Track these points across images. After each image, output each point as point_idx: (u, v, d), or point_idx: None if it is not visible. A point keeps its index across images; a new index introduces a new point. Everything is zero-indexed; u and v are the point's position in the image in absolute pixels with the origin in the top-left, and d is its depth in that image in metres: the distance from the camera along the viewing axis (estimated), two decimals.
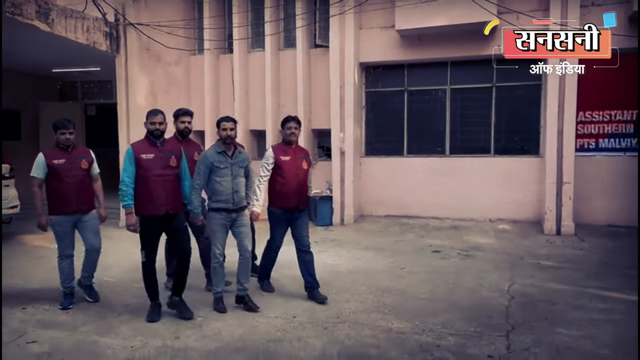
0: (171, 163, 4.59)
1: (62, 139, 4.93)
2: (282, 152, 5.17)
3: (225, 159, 4.73)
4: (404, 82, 9.71)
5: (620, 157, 8.42)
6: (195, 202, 4.73)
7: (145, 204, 4.50)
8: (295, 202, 5.15)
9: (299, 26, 9.57)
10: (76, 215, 4.96)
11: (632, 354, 3.88)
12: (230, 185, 4.71)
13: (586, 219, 8.42)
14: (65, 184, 4.89)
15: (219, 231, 4.77)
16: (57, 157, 4.93)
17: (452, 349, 3.99)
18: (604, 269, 6.45)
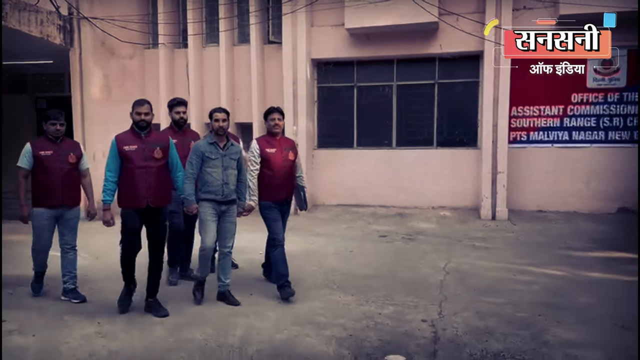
0: (155, 155, 4.42)
1: (52, 130, 4.77)
2: (267, 144, 5.07)
3: (216, 150, 4.65)
4: (354, 78, 10.21)
5: (549, 148, 9.22)
6: (189, 190, 4.62)
7: (127, 196, 4.38)
8: (285, 194, 5.11)
9: (252, 23, 9.90)
10: (59, 209, 4.82)
11: (543, 315, 4.51)
12: (221, 176, 4.63)
13: (519, 205, 9.19)
14: (51, 176, 4.74)
15: (209, 219, 4.67)
16: (45, 148, 4.77)
17: (392, 316, 4.51)
18: (530, 249, 7.19)
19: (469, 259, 6.62)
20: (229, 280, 4.86)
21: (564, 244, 7.36)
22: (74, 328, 4.26)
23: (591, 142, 8.98)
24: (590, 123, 8.97)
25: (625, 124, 8.85)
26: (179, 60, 10.58)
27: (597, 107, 8.93)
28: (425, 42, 9.45)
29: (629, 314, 4.52)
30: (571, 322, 4.33)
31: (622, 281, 5.61)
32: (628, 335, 4.06)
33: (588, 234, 7.95)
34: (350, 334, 4.10)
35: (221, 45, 10.17)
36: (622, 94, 8.83)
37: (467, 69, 9.57)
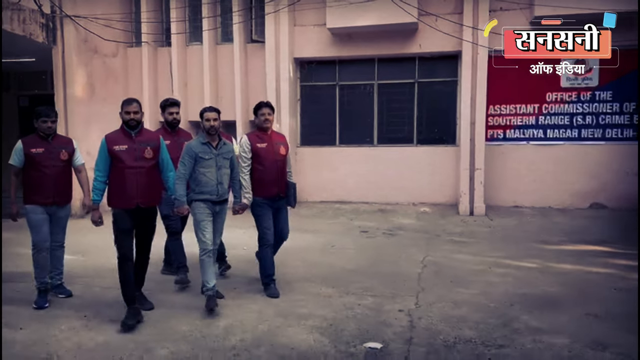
0: (146, 154, 4.35)
1: (44, 127, 4.71)
2: (257, 139, 4.99)
3: (209, 150, 4.56)
4: (336, 77, 10.39)
5: (525, 146, 9.51)
6: (180, 191, 4.52)
7: (116, 196, 4.33)
8: (276, 190, 5.01)
9: (235, 22, 10.02)
10: (52, 207, 4.77)
11: (515, 304, 4.74)
12: (215, 176, 4.56)
13: (496, 200, 9.47)
14: (43, 174, 4.68)
15: (205, 219, 4.57)
16: (36, 145, 4.70)
17: (370, 306, 4.69)
18: (506, 243, 7.43)
19: (447, 252, 6.84)
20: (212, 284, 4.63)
21: (538, 238, 7.62)
22: (61, 321, 4.37)
23: (565, 139, 9.29)
24: (564, 121, 9.28)
25: (597, 122, 9.17)
26: (162, 59, 10.65)
27: (570, 106, 9.24)
28: (405, 42, 9.66)
29: (596, 302, 4.79)
30: (540, 311, 4.56)
31: (592, 272, 5.86)
32: (594, 322, 4.31)
33: (561, 228, 8.23)
34: (330, 323, 4.27)
35: (204, 44, 10.27)
36: (595, 93, 9.14)
37: (446, 68, 9.81)
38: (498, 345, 3.82)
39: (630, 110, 9.02)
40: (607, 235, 7.68)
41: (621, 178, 9.02)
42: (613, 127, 9.10)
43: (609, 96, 9.07)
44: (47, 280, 4.83)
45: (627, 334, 4.01)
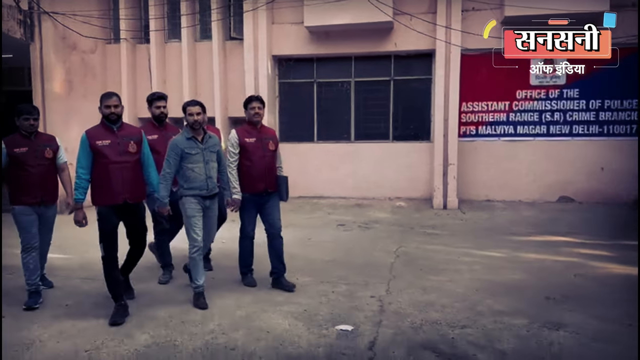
0: (130, 149, 4.27)
1: (26, 125, 4.57)
2: (246, 133, 4.93)
3: (195, 145, 4.49)
4: (314, 74, 10.59)
5: (496, 142, 9.83)
6: (163, 192, 4.49)
7: (102, 193, 4.21)
8: (264, 186, 4.93)
9: (214, 20, 10.14)
10: (39, 207, 4.65)
11: (480, 290, 5.00)
12: (203, 171, 4.50)
13: (468, 195, 9.78)
14: (28, 174, 4.55)
15: (196, 216, 4.51)
16: (19, 145, 4.55)
17: (344, 293, 4.91)
18: (476, 234, 7.72)
19: (419, 244, 7.10)
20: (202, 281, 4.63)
21: (506, 230, 7.93)
22: (44, 310, 4.50)
23: (534, 135, 9.64)
24: (534, 118, 9.62)
25: (565, 118, 9.53)
26: (141, 56, 10.72)
27: (539, 103, 9.58)
28: (381, 41, 9.90)
29: (556, 287, 5.07)
30: (503, 295, 4.83)
31: (555, 261, 6.16)
32: (552, 305, 4.59)
33: (530, 220, 8.57)
34: (305, 309, 4.47)
35: (183, 41, 10.37)
36: (562, 90, 9.50)
37: (421, 66, 10.09)
38: (461, 326, 4.07)
39: (596, 107, 9.40)
40: (573, 227, 8.03)
41: (588, 172, 9.40)
42: (580, 124, 9.47)
43: (576, 94, 9.44)
44: (38, 282, 4.72)
45: (580, 315, 4.30)
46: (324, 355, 3.57)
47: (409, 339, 3.85)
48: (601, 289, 5.07)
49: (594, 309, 4.46)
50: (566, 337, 3.87)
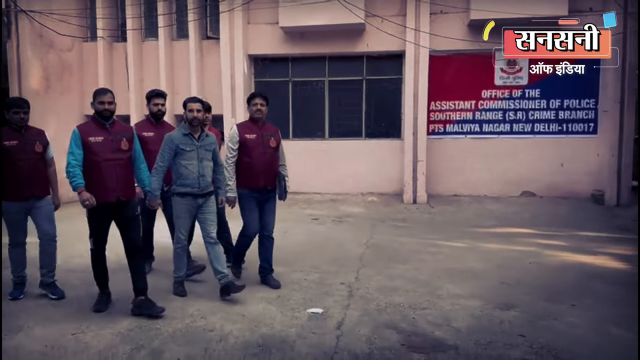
0: (122, 146, 4.24)
1: (16, 119, 4.49)
2: (247, 130, 4.90)
3: (191, 141, 4.48)
4: (289, 73, 10.88)
5: (463, 139, 10.29)
6: (155, 185, 4.47)
7: (95, 191, 4.12)
8: (263, 182, 4.89)
9: (191, 20, 10.35)
10: (30, 201, 4.58)
11: (441, 277, 5.40)
12: (197, 169, 4.47)
13: (437, 190, 10.21)
14: (18, 168, 4.48)
15: (183, 216, 4.56)
16: (9, 138, 4.48)
17: (316, 281, 5.24)
18: (442, 227, 8.16)
19: (389, 235, 7.49)
20: (225, 269, 4.65)
21: (471, 223, 8.39)
22: (30, 301, 4.72)
23: (498, 133, 10.12)
24: (498, 116, 10.11)
25: (527, 117, 10.03)
26: (117, 54, 10.87)
27: (503, 102, 10.06)
28: (353, 41, 10.26)
29: (511, 273, 5.51)
30: (462, 281, 5.23)
31: (513, 250, 6.62)
32: (506, 289, 5.01)
33: (494, 214, 9.05)
34: (278, 295, 4.79)
35: (160, 39, 10.55)
36: (524, 90, 10.00)
37: (392, 66, 10.47)
38: (422, 308, 4.45)
39: (556, 106, 9.93)
40: (533, 220, 8.54)
41: (549, 169, 9.92)
42: (541, 122, 9.99)
43: (537, 94, 9.95)
44: (23, 274, 4.73)
45: (530, 297, 4.73)
46: (295, 335, 3.90)
47: (373, 319, 4.20)
48: (552, 275, 5.52)
49: (543, 292, 4.90)
50: (515, 316, 4.28)
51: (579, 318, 4.25)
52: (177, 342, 3.77)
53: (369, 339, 3.81)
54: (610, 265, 5.89)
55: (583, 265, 5.89)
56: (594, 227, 7.95)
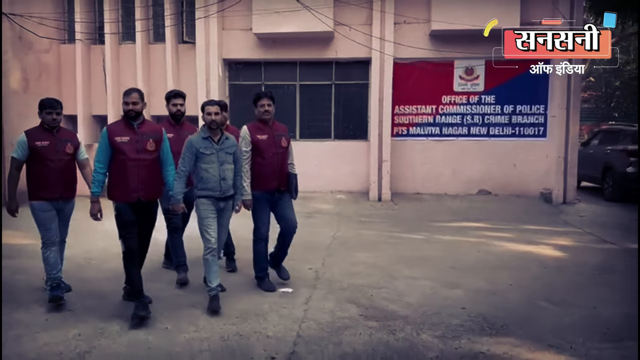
0: (148, 147, 4.25)
1: (49, 119, 4.49)
2: (258, 131, 4.82)
3: (211, 145, 4.41)
4: (262, 77, 11.41)
5: (425, 141, 11.00)
6: (178, 188, 4.43)
7: (117, 189, 4.23)
8: (276, 184, 4.85)
9: (167, 25, 10.78)
10: (58, 202, 4.59)
11: (398, 262, 6.04)
12: (217, 172, 4.41)
13: (400, 188, 10.90)
14: (48, 168, 4.48)
15: (209, 217, 4.45)
16: (41, 138, 4.48)
17: (287, 267, 5.73)
18: (404, 221, 8.83)
19: (354, 229, 8.12)
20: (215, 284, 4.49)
21: (430, 218, 9.08)
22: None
23: (457, 135, 10.88)
24: (456, 120, 10.87)
25: (483, 121, 10.83)
26: (95, 56, 11.21)
27: (461, 107, 10.83)
28: (323, 48, 10.87)
29: (460, 260, 6.20)
30: (417, 266, 5.88)
31: (465, 241, 7.32)
32: (454, 272, 5.67)
33: (451, 210, 9.78)
34: (252, 279, 5.34)
35: (137, 43, 10.94)
36: (481, 96, 10.79)
37: (359, 72, 11.12)
38: (379, 287, 5.08)
39: (509, 111, 10.75)
40: (486, 215, 9.29)
41: (502, 169, 10.73)
42: (495, 126, 10.79)
43: (492, 100, 10.75)
44: (59, 276, 4.66)
45: (474, 279, 5.41)
46: (268, 309, 4.46)
47: (336, 296, 4.80)
48: (496, 261, 6.23)
49: (487, 275, 5.59)
50: (459, 293, 4.95)
51: (513, 294, 4.95)
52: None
53: (332, 311, 4.40)
54: (548, 254, 6.64)
55: (525, 253, 6.63)
56: (540, 222, 8.73)
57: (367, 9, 10.53)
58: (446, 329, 4.01)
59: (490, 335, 3.91)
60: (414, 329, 4.00)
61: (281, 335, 3.91)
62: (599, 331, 4.00)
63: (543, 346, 3.71)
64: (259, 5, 10.28)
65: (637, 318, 4.07)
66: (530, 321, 4.23)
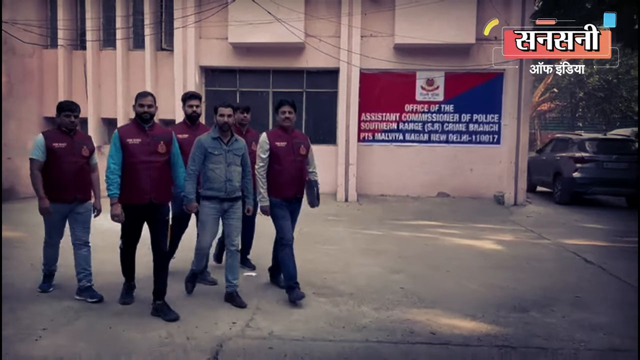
0: (159, 149, 4.29)
1: (67, 122, 4.57)
2: (277, 137, 4.76)
3: (219, 146, 4.47)
4: (237, 84, 12.07)
5: (389, 146, 11.79)
6: (189, 188, 4.46)
7: (128, 191, 4.23)
8: (294, 191, 4.85)
9: (147, 34, 11.38)
10: (72, 204, 4.65)
11: (355, 253, 6.74)
12: (224, 173, 4.46)
13: (366, 190, 11.65)
14: (64, 170, 4.54)
15: (208, 221, 4.54)
16: (58, 140, 4.56)
17: (255, 257, 6.46)
18: (367, 220, 9.55)
19: (320, 226, 8.80)
20: (236, 280, 4.67)
21: (391, 217, 9.83)
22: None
23: (419, 142, 11.69)
24: (418, 127, 11.68)
25: (442, 128, 11.66)
26: (77, 61, 11.74)
27: (423, 115, 11.65)
28: (295, 58, 11.58)
29: (409, 251, 6.93)
30: (370, 257, 6.60)
31: (418, 236, 8.07)
32: (401, 261, 6.40)
33: (411, 210, 10.55)
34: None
35: (118, 49, 11.51)
36: (441, 106, 11.63)
37: (328, 81, 11.86)
38: (333, 272, 5.79)
39: (467, 120, 11.61)
40: (442, 215, 10.08)
41: (460, 173, 11.56)
42: (454, 133, 11.64)
43: (451, 109, 11.59)
44: (53, 268, 4.89)
45: (416, 266, 6.15)
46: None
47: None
48: (441, 253, 6.97)
49: (429, 263, 6.33)
50: (402, 277, 5.67)
51: (449, 279, 5.69)
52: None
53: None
54: (489, 247, 7.43)
55: (468, 247, 7.40)
56: (489, 221, 9.54)
57: (335, 23, 11.29)
58: (383, 303, 4.72)
59: (419, 308, 4.64)
60: (356, 303, 4.71)
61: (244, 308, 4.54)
62: (511, 305, 4.76)
63: (460, 315, 4.45)
64: (234, 16, 10.96)
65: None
66: (456, 298, 4.97)
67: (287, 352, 3.69)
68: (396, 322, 4.28)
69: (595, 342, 3.97)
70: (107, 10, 11.66)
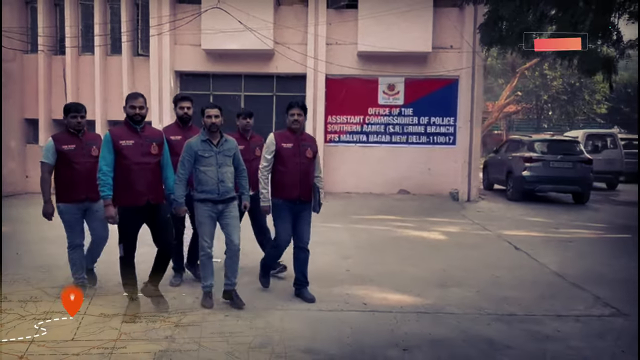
0: (152, 150, 4.30)
1: (74, 123, 4.65)
2: (284, 139, 4.79)
3: (210, 148, 4.43)
4: (210, 88, 12.75)
5: (354, 147, 12.61)
6: (178, 192, 4.44)
7: (124, 194, 4.22)
8: (297, 193, 4.80)
9: (124, 41, 12.00)
10: (85, 203, 4.72)
11: (320, 244, 7.50)
12: (215, 174, 4.42)
13: (333, 188, 12.42)
14: (75, 171, 4.63)
15: (205, 223, 4.53)
16: (67, 142, 4.64)
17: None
18: (331, 216, 10.20)
19: None
20: (235, 279, 4.74)
21: (353, 212, 10.63)
22: None
23: (381, 143, 12.55)
24: (380, 129, 12.54)
25: (403, 130, 12.53)
26: (56, 66, 12.30)
27: (384, 118, 12.51)
28: (265, 63, 12.32)
29: (366, 241, 7.74)
30: (328, 247, 7.33)
31: (377, 229, 8.86)
32: (354, 250, 7.20)
33: (373, 206, 11.37)
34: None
35: (96, 55, 12.11)
36: (401, 109, 12.50)
37: (296, 85, 12.62)
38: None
39: (425, 122, 12.50)
40: (400, 211, 10.91)
41: (419, 172, 12.44)
42: (413, 135, 12.53)
43: (410, 112, 12.48)
44: (84, 277, 4.88)
45: (367, 253, 6.98)
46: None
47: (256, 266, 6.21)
48: (389, 242, 7.81)
49: (378, 251, 7.15)
50: (350, 262, 6.48)
51: (393, 264, 6.50)
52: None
53: (250, 273, 5.82)
54: (435, 237, 8.29)
55: (416, 237, 8.25)
56: (442, 216, 10.41)
57: (303, 32, 12.07)
58: (328, 283, 5.52)
59: (359, 285, 5.44)
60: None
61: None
62: (439, 283, 5.60)
63: (392, 290, 5.27)
64: (207, 24, 11.64)
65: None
66: (394, 279, 5.78)
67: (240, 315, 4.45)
68: (336, 296, 5.07)
69: (497, 309, 4.82)
70: (86, 17, 12.24)
